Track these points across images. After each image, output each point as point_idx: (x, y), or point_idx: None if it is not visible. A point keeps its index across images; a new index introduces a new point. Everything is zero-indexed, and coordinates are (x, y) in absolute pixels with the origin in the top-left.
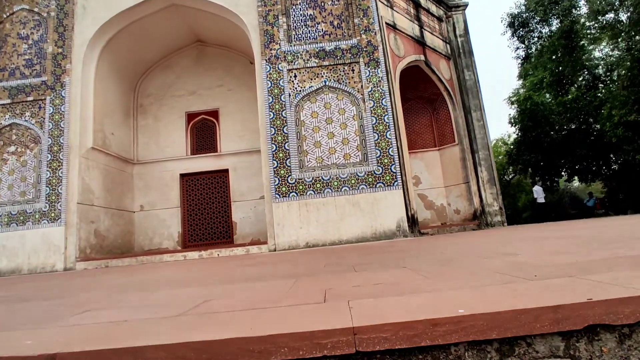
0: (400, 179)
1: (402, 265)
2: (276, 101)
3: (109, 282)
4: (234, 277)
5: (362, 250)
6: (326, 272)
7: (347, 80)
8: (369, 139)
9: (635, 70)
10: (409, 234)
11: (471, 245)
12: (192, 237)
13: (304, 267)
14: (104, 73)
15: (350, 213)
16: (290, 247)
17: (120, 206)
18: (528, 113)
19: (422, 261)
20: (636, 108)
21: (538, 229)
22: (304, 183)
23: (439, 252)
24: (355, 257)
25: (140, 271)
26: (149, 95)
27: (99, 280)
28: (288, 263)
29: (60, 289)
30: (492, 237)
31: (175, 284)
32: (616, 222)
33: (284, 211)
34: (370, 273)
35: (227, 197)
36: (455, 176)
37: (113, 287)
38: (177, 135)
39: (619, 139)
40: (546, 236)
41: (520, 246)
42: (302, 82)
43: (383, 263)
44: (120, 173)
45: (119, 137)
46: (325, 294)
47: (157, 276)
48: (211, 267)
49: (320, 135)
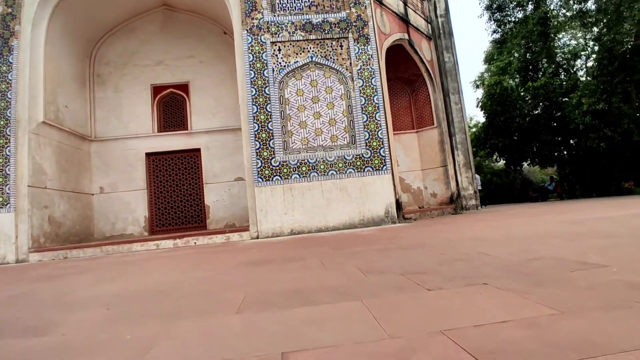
0: (389, 163)
1: (483, 282)
2: (258, 76)
3: (77, 291)
4: (267, 288)
5: (368, 242)
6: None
7: (335, 57)
8: (358, 121)
9: (604, 60)
10: (397, 220)
11: (491, 240)
12: (160, 222)
13: (338, 272)
14: (56, 35)
15: (338, 198)
16: (274, 234)
17: (77, 188)
18: (497, 98)
19: (495, 270)
20: (604, 97)
21: (514, 213)
22: (289, 166)
23: (475, 252)
24: (376, 255)
25: (112, 266)
26: (107, 64)
27: (59, 283)
28: (300, 260)
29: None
30: (488, 225)
31: (184, 298)
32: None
33: (267, 196)
34: (453, 291)
35: (199, 179)
36: (433, 159)
37: (89, 304)
38: (142, 109)
39: (586, 126)
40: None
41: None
42: (287, 56)
43: (448, 275)
44: (76, 151)
45: (74, 110)
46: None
47: (142, 279)
48: (202, 261)
49: (306, 115)
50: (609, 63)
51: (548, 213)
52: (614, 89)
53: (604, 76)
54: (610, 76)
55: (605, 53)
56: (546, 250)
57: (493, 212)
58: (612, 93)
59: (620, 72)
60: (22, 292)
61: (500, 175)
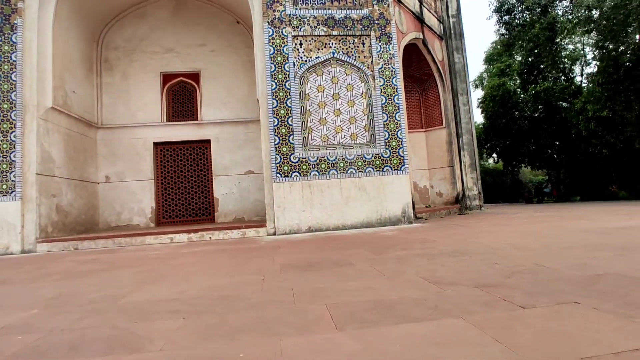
0: (407, 164)
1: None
2: (279, 70)
3: (129, 295)
4: (344, 299)
5: (403, 245)
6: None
7: (357, 54)
8: (378, 120)
9: (610, 68)
10: (413, 220)
11: (532, 249)
12: (167, 213)
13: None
14: (64, 16)
15: (356, 197)
16: (292, 231)
17: (83, 177)
18: (499, 99)
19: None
20: (608, 105)
21: (520, 216)
22: (308, 163)
23: (530, 264)
24: (426, 262)
25: (138, 263)
26: (116, 48)
27: (97, 282)
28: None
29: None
30: (512, 230)
31: (256, 308)
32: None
33: (286, 192)
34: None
35: (208, 171)
36: (440, 159)
37: (157, 311)
38: (151, 97)
39: (589, 132)
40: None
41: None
42: (309, 51)
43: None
44: (83, 138)
45: (81, 95)
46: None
47: (191, 281)
48: (238, 262)
49: (326, 111)
50: (614, 71)
51: (558, 218)
52: (618, 97)
53: (608, 84)
54: (615, 84)
55: (610, 62)
56: (604, 266)
57: (499, 215)
58: (616, 101)
59: (625, 81)
60: (61, 292)
61: (492, 175)
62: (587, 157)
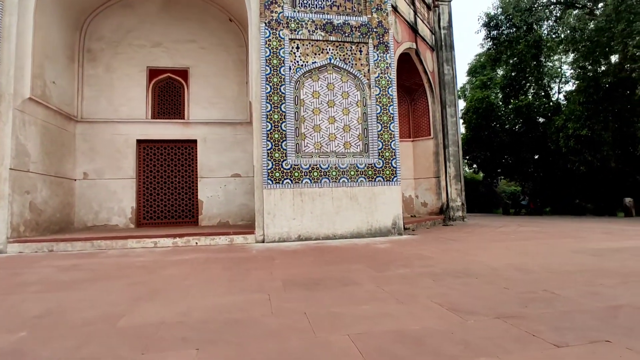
0: (399, 175)
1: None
2: (274, 73)
3: (127, 315)
4: (365, 329)
5: (403, 262)
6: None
7: (354, 62)
8: (372, 129)
9: (590, 89)
10: (402, 232)
11: (533, 272)
12: (148, 215)
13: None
14: (47, 1)
15: (348, 206)
16: (281, 239)
17: (60, 173)
18: (482, 112)
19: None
20: (588, 124)
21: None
22: (300, 170)
23: (539, 290)
24: (432, 283)
25: (125, 272)
26: (100, 39)
27: (84, 297)
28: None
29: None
30: (504, 247)
31: (273, 337)
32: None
33: (276, 199)
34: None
35: (193, 172)
36: (426, 169)
37: (164, 338)
38: (136, 93)
39: (569, 149)
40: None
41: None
42: (305, 55)
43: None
44: (61, 132)
45: (61, 86)
46: None
47: (190, 298)
48: (234, 275)
49: (321, 118)
50: (595, 92)
51: (544, 235)
52: (597, 116)
53: (589, 104)
54: (595, 104)
55: (591, 82)
56: (615, 295)
57: (484, 227)
58: (595, 120)
59: (604, 101)
60: (48, 309)
61: (468, 184)
62: (565, 172)
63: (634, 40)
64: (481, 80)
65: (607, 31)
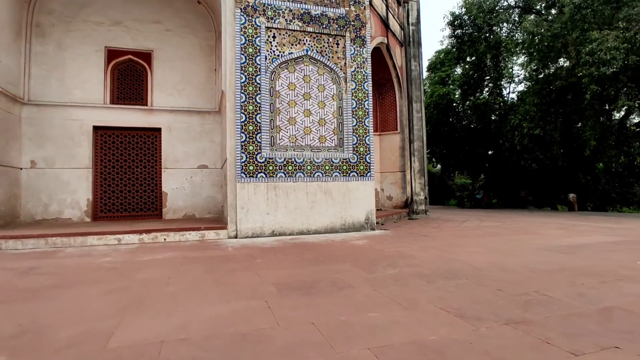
0: (373, 170)
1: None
2: (250, 62)
3: (117, 334)
4: (382, 341)
5: (387, 262)
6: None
7: (331, 54)
8: (347, 124)
9: (544, 91)
10: (375, 227)
11: (513, 271)
12: (106, 207)
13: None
14: None
15: (322, 201)
16: (255, 234)
17: (3, 161)
18: (442, 108)
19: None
20: (541, 124)
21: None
22: (275, 164)
23: (531, 292)
24: (426, 285)
25: (95, 275)
26: (50, 13)
27: (58, 307)
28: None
29: None
30: (477, 243)
31: (291, 354)
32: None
33: (250, 193)
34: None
35: (156, 163)
36: (392, 164)
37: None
38: (91, 74)
39: (523, 148)
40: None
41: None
42: (282, 45)
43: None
44: (5, 115)
45: (6, 65)
46: None
47: (182, 310)
48: (217, 277)
49: (296, 111)
50: (547, 95)
51: (506, 230)
52: (550, 118)
53: (542, 105)
54: (547, 106)
55: (545, 85)
56: (600, 297)
57: (449, 222)
58: (547, 121)
59: (556, 104)
60: (20, 325)
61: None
62: (517, 168)
63: (586, 48)
64: (440, 76)
65: (562, 38)
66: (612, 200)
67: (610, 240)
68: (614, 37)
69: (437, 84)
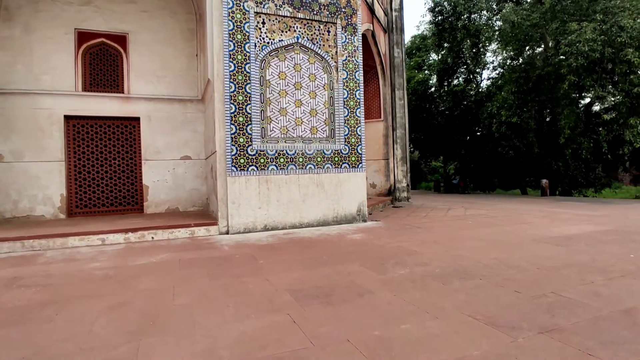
0: (364, 161)
1: None
2: (239, 50)
3: None
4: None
5: (395, 260)
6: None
7: (322, 42)
8: (339, 114)
9: (521, 80)
10: (366, 219)
11: (519, 268)
12: (82, 202)
13: None
14: None
15: (314, 194)
16: (246, 229)
17: None
18: (421, 94)
19: None
20: (518, 112)
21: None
22: (266, 156)
23: (548, 293)
24: (443, 288)
25: (90, 288)
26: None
27: (66, 333)
28: None
29: None
30: (470, 235)
31: None
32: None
33: (241, 187)
34: None
35: (136, 154)
36: (376, 152)
37: None
38: (61, 59)
39: (501, 135)
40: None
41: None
42: (272, 32)
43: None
44: None
45: None
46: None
47: (201, 334)
48: (226, 284)
49: (287, 101)
50: (524, 83)
51: (492, 219)
52: (526, 106)
53: (520, 93)
54: (524, 94)
55: (522, 73)
56: (614, 296)
57: (435, 210)
58: (524, 109)
59: (532, 92)
60: (23, 357)
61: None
62: (494, 155)
63: (565, 40)
64: (416, 61)
65: (541, 28)
66: (578, 185)
67: (596, 230)
68: (591, 29)
69: (413, 69)
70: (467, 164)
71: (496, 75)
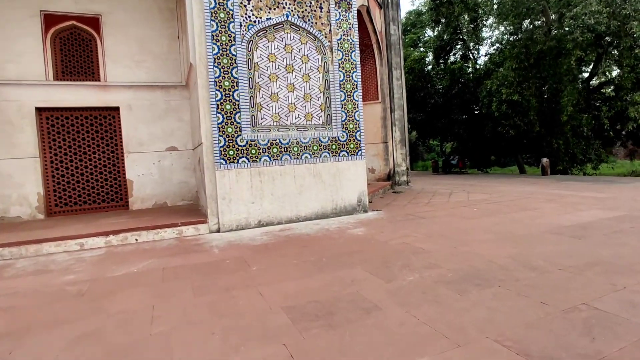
0: (364, 148)
1: None
2: (222, 30)
3: None
4: None
5: (404, 261)
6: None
7: (314, 20)
8: (335, 98)
9: (522, 55)
10: (367, 209)
11: (544, 270)
12: (62, 201)
13: None
14: None
15: (311, 185)
16: (239, 226)
17: None
18: (417, 72)
19: None
20: (519, 90)
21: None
22: (258, 146)
23: (579, 304)
24: (463, 300)
25: (68, 315)
26: None
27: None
28: None
29: None
30: (480, 225)
31: None
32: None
33: (232, 181)
34: None
35: (117, 147)
36: (374, 135)
37: None
38: (27, 45)
39: (501, 114)
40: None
41: None
42: (258, 10)
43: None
44: None
45: None
46: None
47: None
48: (215, 300)
49: (279, 85)
50: (525, 59)
51: (498, 205)
52: (527, 83)
53: (520, 70)
54: (525, 71)
55: (523, 49)
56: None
57: (437, 195)
58: (525, 87)
59: (534, 68)
60: None
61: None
62: (494, 134)
63: (570, 12)
64: (411, 38)
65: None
66: (577, 162)
67: (609, 217)
68: (597, 0)
69: (409, 47)
70: (466, 144)
71: (494, 51)
